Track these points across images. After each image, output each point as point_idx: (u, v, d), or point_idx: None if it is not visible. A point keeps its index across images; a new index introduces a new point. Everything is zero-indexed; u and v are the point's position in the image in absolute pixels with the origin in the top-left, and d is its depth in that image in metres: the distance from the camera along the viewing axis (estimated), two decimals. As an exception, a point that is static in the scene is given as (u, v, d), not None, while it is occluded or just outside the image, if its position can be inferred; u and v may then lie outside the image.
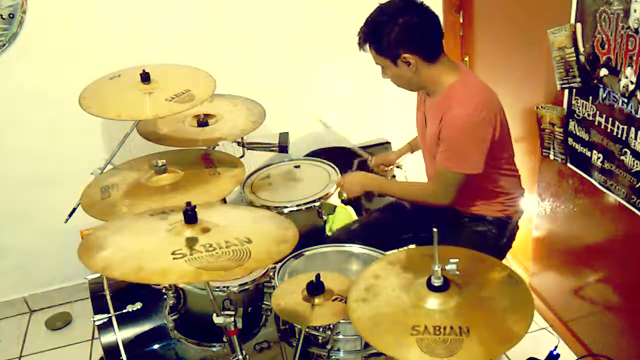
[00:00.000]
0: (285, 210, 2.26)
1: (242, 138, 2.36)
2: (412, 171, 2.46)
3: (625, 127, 1.75)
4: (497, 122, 1.88)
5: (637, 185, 1.76)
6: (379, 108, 2.92)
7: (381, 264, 1.60)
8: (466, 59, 2.80)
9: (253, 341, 1.95)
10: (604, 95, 1.82)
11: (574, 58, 1.91)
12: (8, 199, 2.68)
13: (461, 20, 2.76)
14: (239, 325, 1.58)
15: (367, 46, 1.90)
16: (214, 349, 1.91)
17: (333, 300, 1.66)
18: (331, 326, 1.69)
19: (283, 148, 2.42)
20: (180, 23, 2.54)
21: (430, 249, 1.40)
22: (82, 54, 2.45)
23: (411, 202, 2.19)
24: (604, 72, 1.79)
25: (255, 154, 2.54)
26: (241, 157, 2.28)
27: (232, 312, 1.57)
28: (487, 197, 2.06)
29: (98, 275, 2.09)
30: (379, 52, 1.88)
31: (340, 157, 2.78)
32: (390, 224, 2.24)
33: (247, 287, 1.87)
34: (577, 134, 2.00)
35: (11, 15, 2.33)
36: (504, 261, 1.91)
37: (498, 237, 2.07)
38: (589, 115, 1.91)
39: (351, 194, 2.24)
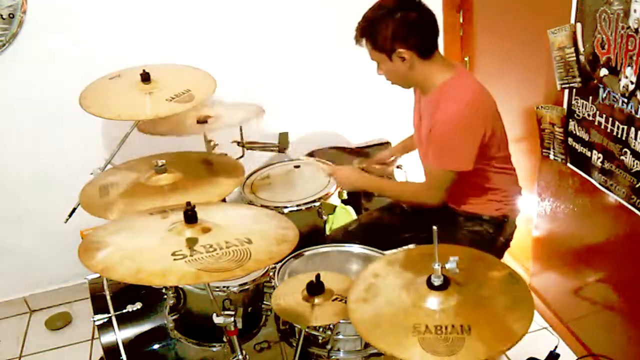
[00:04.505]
0: (285, 210, 2.26)
1: (242, 138, 2.37)
2: (412, 172, 2.46)
3: (625, 127, 1.75)
4: (489, 123, 1.88)
5: (637, 185, 1.76)
6: (379, 108, 2.92)
7: (381, 263, 1.60)
8: (466, 59, 2.80)
9: (253, 341, 1.95)
10: (604, 95, 1.82)
11: (574, 58, 1.91)
12: (8, 199, 2.68)
13: (461, 20, 2.76)
14: (239, 325, 1.57)
15: (364, 41, 1.90)
16: (214, 349, 1.91)
17: (333, 300, 1.66)
18: (331, 326, 1.69)
19: (283, 148, 2.43)
20: (180, 23, 2.54)
21: (429, 248, 1.39)
22: (82, 54, 2.45)
23: (403, 202, 2.19)
24: (604, 72, 1.79)
25: (255, 154, 2.54)
26: (241, 157, 2.28)
27: (232, 312, 1.56)
28: (481, 195, 2.05)
29: (98, 275, 2.08)
30: (374, 46, 1.88)
31: (340, 157, 2.78)
32: (388, 224, 2.24)
33: (247, 287, 1.87)
34: (577, 134, 2.00)
35: (11, 15, 2.33)
36: (502, 261, 1.91)
37: (495, 236, 2.07)
38: (589, 115, 1.91)
39: (341, 187, 2.26)
